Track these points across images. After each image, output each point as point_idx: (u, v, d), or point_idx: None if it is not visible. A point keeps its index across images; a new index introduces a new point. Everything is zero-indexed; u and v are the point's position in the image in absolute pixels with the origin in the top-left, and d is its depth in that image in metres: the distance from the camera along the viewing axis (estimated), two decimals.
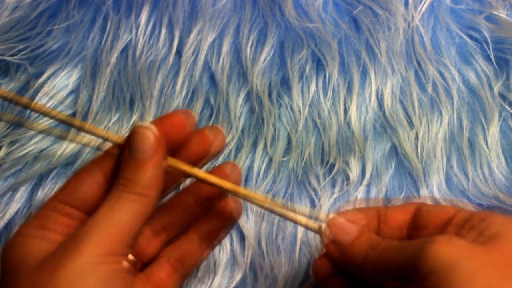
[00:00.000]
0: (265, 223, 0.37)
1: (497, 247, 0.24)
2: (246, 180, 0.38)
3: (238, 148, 0.39)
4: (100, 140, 0.33)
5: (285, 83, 0.40)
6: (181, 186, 0.36)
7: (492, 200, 0.36)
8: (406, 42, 0.40)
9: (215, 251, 0.37)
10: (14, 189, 0.38)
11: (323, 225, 0.29)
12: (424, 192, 0.37)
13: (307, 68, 0.40)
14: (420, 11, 0.40)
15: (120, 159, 0.28)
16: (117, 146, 0.29)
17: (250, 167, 0.38)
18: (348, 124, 0.39)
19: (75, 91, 0.41)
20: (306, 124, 0.39)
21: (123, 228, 0.26)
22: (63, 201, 0.27)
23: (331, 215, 0.29)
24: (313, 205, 0.37)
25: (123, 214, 0.26)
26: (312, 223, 0.29)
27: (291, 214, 0.29)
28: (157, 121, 0.28)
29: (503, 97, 0.40)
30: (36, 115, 0.40)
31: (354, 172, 0.38)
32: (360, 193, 0.37)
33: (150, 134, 0.27)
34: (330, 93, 0.40)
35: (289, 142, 0.39)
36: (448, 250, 0.24)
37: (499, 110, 0.39)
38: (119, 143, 0.29)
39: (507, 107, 0.39)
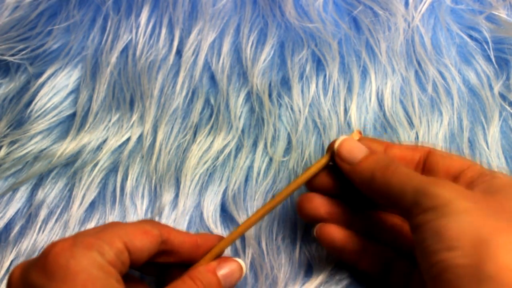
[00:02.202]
0: (265, 223, 0.37)
1: (496, 197, 0.25)
2: (246, 180, 0.38)
3: (238, 148, 0.39)
4: (100, 140, 0.33)
5: (285, 83, 0.40)
6: None
7: None
8: (406, 42, 0.40)
9: None
10: (14, 189, 0.38)
11: (337, 142, 0.31)
12: None
13: (307, 68, 0.40)
14: (420, 11, 0.40)
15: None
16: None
17: (250, 167, 0.38)
18: (348, 124, 0.39)
19: (75, 91, 0.41)
20: (306, 124, 0.39)
21: None
22: (127, 246, 0.27)
23: (341, 137, 0.31)
24: None
25: None
26: (321, 159, 0.32)
27: (300, 179, 0.32)
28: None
29: (503, 97, 0.40)
30: (37, 115, 0.40)
31: None
32: None
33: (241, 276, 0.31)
34: (330, 93, 0.40)
35: (289, 142, 0.39)
36: (450, 191, 0.25)
37: (499, 110, 0.39)
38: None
39: (507, 107, 0.39)
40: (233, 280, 0.31)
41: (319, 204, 0.32)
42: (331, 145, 0.32)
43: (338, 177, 0.32)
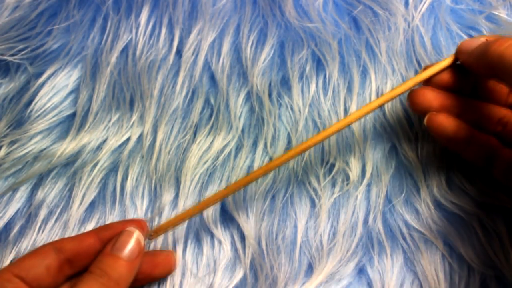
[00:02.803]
0: (265, 223, 0.37)
1: None
2: None
3: (238, 148, 0.39)
4: (100, 140, 0.33)
5: (285, 83, 0.40)
6: None
7: (493, 200, 0.36)
8: (406, 42, 0.40)
9: (215, 251, 0.37)
10: (14, 189, 0.38)
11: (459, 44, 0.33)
12: (424, 191, 0.37)
13: (307, 68, 0.40)
14: (420, 11, 0.40)
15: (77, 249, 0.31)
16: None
17: (250, 167, 0.38)
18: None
19: (75, 91, 0.41)
20: (306, 124, 0.39)
21: None
22: (18, 275, 0.29)
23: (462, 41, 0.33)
24: (313, 205, 0.37)
25: None
26: (444, 61, 0.34)
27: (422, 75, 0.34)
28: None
29: None
30: (37, 114, 0.40)
31: (354, 172, 0.38)
32: (360, 193, 0.37)
33: (139, 240, 0.32)
34: (330, 93, 0.40)
35: (289, 142, 0.39)
36: None
37: None
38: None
39: None
40: (133, 247, 0.31)
41: (432, 97, 0.34)
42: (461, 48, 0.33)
43: (454, 74, 0.34)
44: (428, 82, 0.35)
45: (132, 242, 0.31)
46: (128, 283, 0.31)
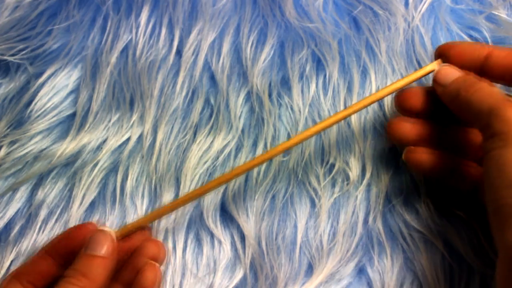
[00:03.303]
0: (265, 223, 0.37)
1: None
2: (246, 180, 0.38)
3: (238, 148, 0.39)
4: (100, 140, 0.33)
5: (285, 83, 0.40)
6: None
7: None
8: (406, 42, 0.40)
9: (215, 251, 0.37)
10: (14, 189, 0.38)
11: (436, 67, 0.33)
12: (424, 192, 0.37)
13: (307, 68, 0.40)
14: (420, 11, 0.40)
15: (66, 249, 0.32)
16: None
17: None
18: (348, 124, 0.39)
19: (75, 91, 0.41)
20: (306, 124, 0.39)
21: None
22: (21, 277, 0.31)
23: (442, 64, 0.33)
24: (313, 205, 0.37)
25: None
26: (428, 67, 0.33)
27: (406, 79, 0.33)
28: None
29: None
30: (37, 115, 0.40)
31: (354, 172, 0.38)
32: (360, 193, 0.37)
33: (111, 238, 0.32)
34: (330, 93, 0.40)
35: None
36: None
37: None
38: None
39: None
40: (105, 244, 0.31)
41: (408, 129, 0.34)
42: (439, 51, 0.33)
43: (429, 99, 0.33)
44: (405, 111, 0.34)
45: (106, 240, 0.31)
46: (106, 280, 0.31)
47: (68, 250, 0.32)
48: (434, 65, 0.33)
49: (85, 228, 0.33)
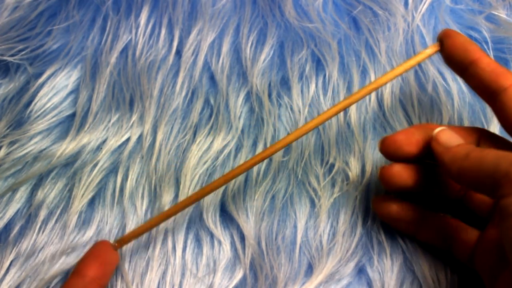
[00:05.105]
0: (265, 223, 0.37)
1: None
2: (246, 180, 0.38)
3: (238, 148, 0.39)
4: (100, 140, 0.33)
5: (285, 83, 0.40)
6: None
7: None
8: (406, 42, 0.40)
9: (215, 251, 0.37)
10: (13, 189, 0.38)
11: (436, 129, 0.31)
12: None
13: (307, 68, 0.40)
14: (420, 11, 0.40)
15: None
16: None
17: None
18: (348, 124, 0.39)
19: (75, 91, 0.41)
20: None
21: None
22: None
23: (440, 128, 0.31)
24: (313, 205, 0.37)
25: None
26: (427, 50, 0.31)
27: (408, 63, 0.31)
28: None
29: None
30: (36, 115, 0.40)
31: (354, 172, 0.38)
32: (360, 193, 0.37)
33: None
34: (330, 93, 0.40)
35: None
36: None
37: None
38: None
39: None
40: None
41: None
42: (441, 35, 0.31)
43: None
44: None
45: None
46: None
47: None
48: (434, 48, 0.31)
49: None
